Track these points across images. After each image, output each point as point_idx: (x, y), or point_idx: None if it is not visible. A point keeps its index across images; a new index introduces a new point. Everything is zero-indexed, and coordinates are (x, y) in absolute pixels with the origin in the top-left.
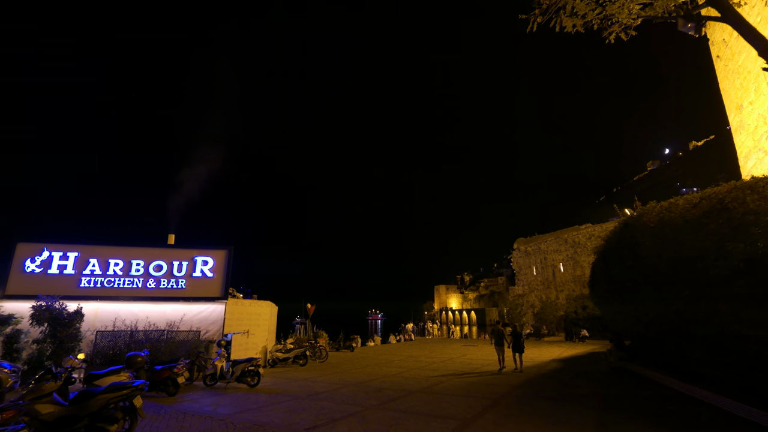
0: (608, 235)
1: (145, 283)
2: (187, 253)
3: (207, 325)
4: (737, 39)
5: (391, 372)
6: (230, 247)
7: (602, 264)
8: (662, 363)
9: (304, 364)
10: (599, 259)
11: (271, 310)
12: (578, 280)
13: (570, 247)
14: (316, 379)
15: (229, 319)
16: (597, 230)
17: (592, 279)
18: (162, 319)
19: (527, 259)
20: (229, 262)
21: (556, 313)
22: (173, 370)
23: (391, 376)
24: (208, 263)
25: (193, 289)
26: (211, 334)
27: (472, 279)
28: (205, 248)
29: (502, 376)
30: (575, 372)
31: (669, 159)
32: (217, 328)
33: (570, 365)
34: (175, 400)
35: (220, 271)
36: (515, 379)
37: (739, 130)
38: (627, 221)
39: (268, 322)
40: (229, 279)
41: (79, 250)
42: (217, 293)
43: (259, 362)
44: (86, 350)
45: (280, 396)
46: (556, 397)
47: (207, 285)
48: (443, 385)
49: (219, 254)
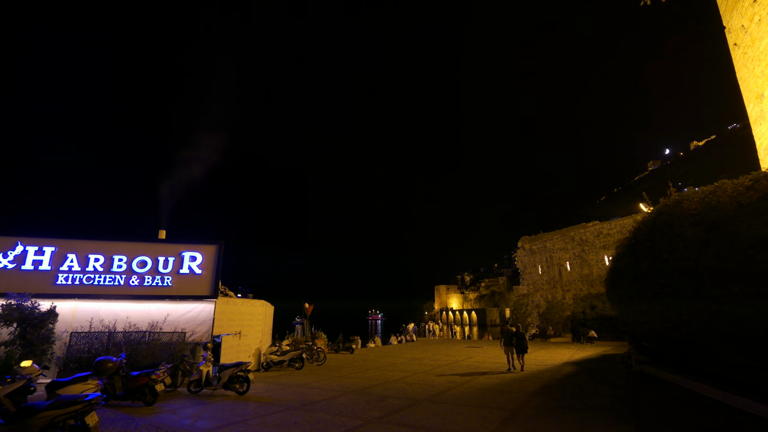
0: (636, 226)
1: (128, 280)
2: (173, 248)
3: (195, 325)
4: (758, 24)
5: (394, 376)
6: (220, 242)
7: (629, 259)
8: (690, 367)
9: (300, 368)
10: (624, 253)
11: (266, 309)
12: (586, 279)
13: (577, 245)
14: (313, 385)
15: (219, 319)
16: (606, 227)
17: (612, 276)
18: (146, 319)
19: (532, 258)
20: (219, 258)
21: (562, 313)
22: (151, 377)
23: (393, 382)
24: (197, 259)
25: (180, 286)
26: (199, 335)
27: (473, 279)
28: (194, 243)
29: (515, 382)
30: (593, 377)
31: (670, 159)
32: (205, 329)
33: (585, 369)
34: (152, 411)
35: (209, 268)
36: (530, 386)
37: (759, 121)
38: (661, 209)
39: (262, 322)
40: (219, 276)
41: (56, 245)
42: (206, 291)
43: (249, 367)
44: (59, 353)
45: (270, 406)
46: (581, 407)
47: (195, 282)
48: (452, 393)
49: (208, 249)
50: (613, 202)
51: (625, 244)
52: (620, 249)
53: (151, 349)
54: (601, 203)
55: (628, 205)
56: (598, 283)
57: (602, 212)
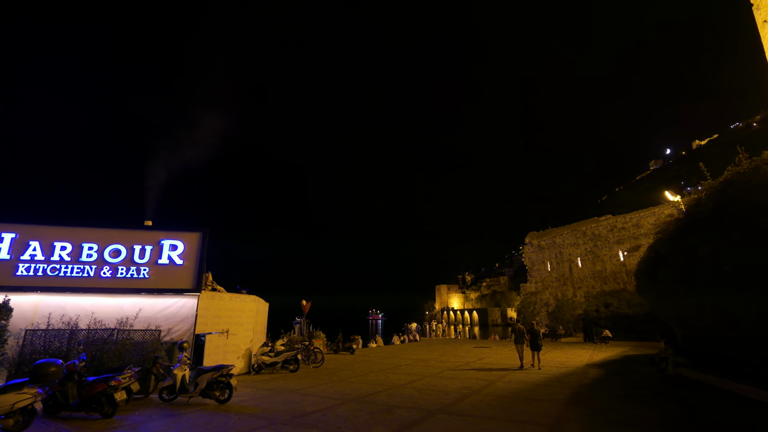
0: (690, 204)
1: (99, 272)
2: (151, 235)
3: (174, 323)
4: None
5: (400, 381)
6: (205, 228)
7: (679, 244)
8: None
9: (294, 370)
10: (672, 237)
11: (258, 306)
12: (598, 275)
13: (589, 240)
14: (307, 391)
15: (203, 315)
16: (620, 221)
17: (649, 266)
18: (118, 315)
19: (540, 254)
20: (204, 247)
21: (573, 311)
22: (109, 383)
23: (400, 387)
24: (178, 248)
25: (158, 278)
26: (180, 333)
27: (474, 279)
28: (174, 230)
29: (539, 387)
30: (626, 381)
31: (672, 158)
32: (187, 327)
33: (613, 372)
34: (107, 425)
35: (192, 258)
36: (558, 392)
37: None
38: (731, 179)
39: (253, 320)
40: (203, 267)
41: (17, 231)
42: (188, 284)
43: (236, 370)
44: (11, 354)
45: (253, 419)
46: (627, 420)
47: (176, 274)
48: (471, 401)
49: (191, 237)
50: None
51: (671, 228)
52: (663, 234)
53: (119, 349)
54: (602, 203)
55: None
56: (611, 280)
57: (603, 212)
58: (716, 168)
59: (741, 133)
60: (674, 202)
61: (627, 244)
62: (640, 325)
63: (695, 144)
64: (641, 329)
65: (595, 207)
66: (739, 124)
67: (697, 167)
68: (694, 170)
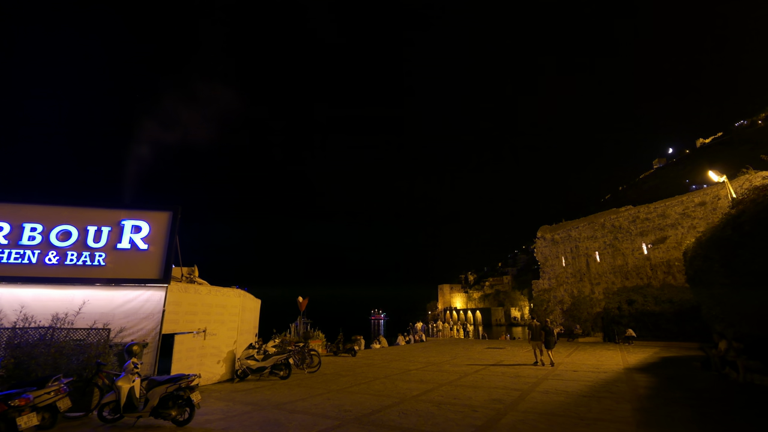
0: None
1: (44, 258)
2: (110, 214)
3: (136, 320)
4: None
5: (412, 390)
6: (176, 207)
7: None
8: None
9: (285, 377)
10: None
11: (245, 301)
12: (619, 270)
13: (608, 233)
14: (297, 406)
15: (173, 312)
16: (643, 211)
17: (714, 252)
18: (64, 311)
19: (554, 249)
20: (174, 230)
21: (590, 309)
22: (9, 403)
23: (413, 400)
24: (142, 230)
25: (116, 266)
26: (143, 333)
27: (477, 278)
28: (138, 208)
29: (590, 400)
30: (689, 391)
31: (675, 157)
32: (152, 326)
33: (665, 379)
34: None
35: (159, 242)
36: (617, 407)
37: None
38: None
39: (238, 317)
40: (173, 253)
41: None
42: (154, 273)
43: (195, 381)
44: None
45: None
46: None
47: (139, 261)
48: (508, 422)
49: (158, 218)
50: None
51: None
52: (739, 213)
53: (53, 354)
54: (606, 201)
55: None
56: (634, 275)
57: None
58: (725, 165)
59: (746, 131)
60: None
61: (651, 236)
62: (668, 323)
63: (699, 142)
64: (669, 328)
65: (598, 206)
66: (744, 122)
67: (703, 165)
68: (698, 169)
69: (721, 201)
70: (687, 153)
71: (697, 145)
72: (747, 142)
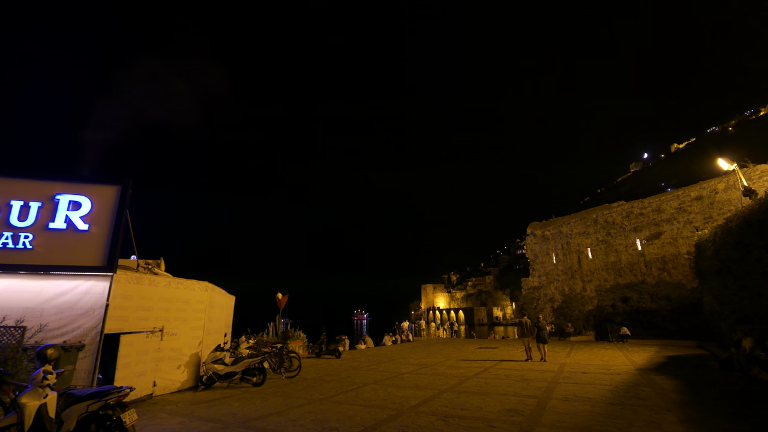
0: None
1: None
2: (40, 187)
3: (72, 317)
4: None
5: (409, 399)
6: (126, 180)
7: None
8: None
9: (259, 383)
10: None
11: (214, 296)
12: (612, 267)
13: (601, 229)
14: (269, 423)
15: (120, 307)
16: (637, 206)
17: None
18: None
19: (545, 245)
20: (123, 207)
21: (582, 307)
22: None
23: (413, 412)
24: (82, 206)
25: (47, 251)
26: (80, 333)
27: (460, 278)
28: (77, 181)
29: (623, 408)
30: (724, 395)
31: (651, 161)
32: (91, 323)
33: (689, 380)
34: None
35: (103, 222)
36: (656, 417)
37: None
38: None
39: (204, 314)
40: (121, 235)
41: None
42: (96, 260)
43: (124, 395)
44: None
45: None
46: None
47: (76, 245)
48: None
49: (103, 193)
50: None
51: None
52: None
53: None
54: (585, 203)
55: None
56: (627, 272)
57: None
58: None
59: (717, 137)
60: (725, 174)
61: (646, 232)
62: (664, 321)
63: (674, 147)
64: (665, 326)
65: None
66: (716, 128)
67: (679, 168)
68: (673, 172)
69: (718, 195)
70: (662, 157)
71: (672, 150)
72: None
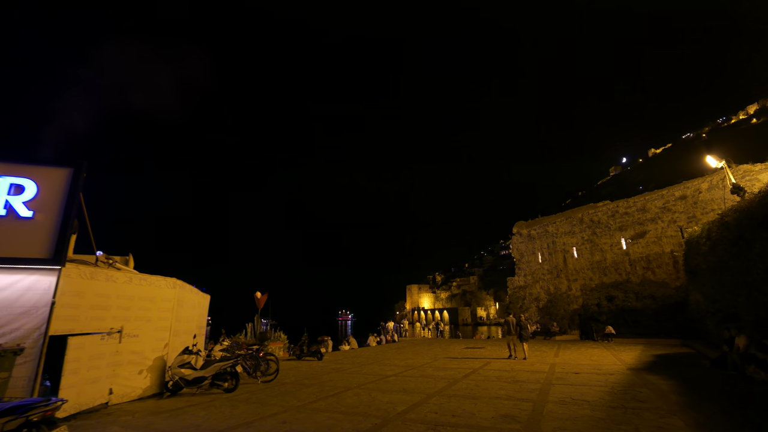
0: None
1: None
2: None
3: (10, 316)
4: None
5: (395, 405)
6: (79, 162)
7: None
8: None
9: (231, 389)
10: None
11: (182, 294)
12: (597, 266)
13: (587, 228)
14: None
15: (71, 305)
16: (623, 206)
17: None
18: None
19: (531, 245)
20: (73, 193)
21: (567, 306)
22: None
23: (399, 420)
24: (26, 191)
25: None
26: (20, 335)
27: (444, 279)
28: (20, 162)
29: (626, 413)
30: (725, 394)
31: (630, 165)
32: (33, 324)
33: (685, 380)
34: None
35: (50, 209)
36: (669, 426)
37: None
38: None
39: (171, 314)
40: (71, 223)
41: None
42: (41, 251)
43: (54, 408)
44: None
45: None
46: None
47: (17, 234)
48: None
49: (51, 176)
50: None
51: None
52: None
53: None
54: (566, 206)
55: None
56: (612, 271)
57: None
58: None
59: (692, 143)
60: (716, 171)
61: (631, 231)
62: (649, 320)
63: (651, 152)
64: (650, 325)
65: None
66: (690, 134)
67: (656, 172)
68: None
69: (702, 194)
70: (640, 161)
71: (650, 155)
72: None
